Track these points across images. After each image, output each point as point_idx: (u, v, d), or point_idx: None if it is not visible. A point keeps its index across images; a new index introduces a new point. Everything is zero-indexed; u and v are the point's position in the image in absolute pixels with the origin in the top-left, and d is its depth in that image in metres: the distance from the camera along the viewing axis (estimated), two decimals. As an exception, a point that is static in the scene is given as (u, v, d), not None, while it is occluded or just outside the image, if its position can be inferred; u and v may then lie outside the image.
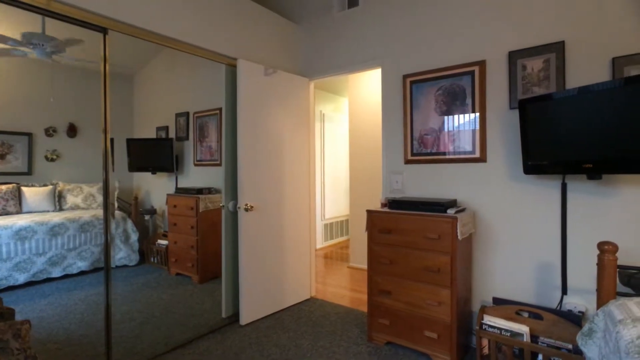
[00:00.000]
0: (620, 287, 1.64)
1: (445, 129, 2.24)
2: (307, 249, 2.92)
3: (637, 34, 1.67)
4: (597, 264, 1.44)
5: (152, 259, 3.90)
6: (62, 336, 2.24)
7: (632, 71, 1.66)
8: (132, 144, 4.23)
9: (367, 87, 3.79)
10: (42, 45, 2.81)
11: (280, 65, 2.84)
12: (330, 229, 5.05)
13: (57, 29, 2.50)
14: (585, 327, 1.40)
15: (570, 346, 1.63)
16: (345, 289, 3.19)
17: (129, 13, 1.88)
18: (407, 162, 2.41)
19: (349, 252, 4.22)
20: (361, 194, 3.91)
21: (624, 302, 1.26)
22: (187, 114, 3.82)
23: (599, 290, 1.44)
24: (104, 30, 1.81)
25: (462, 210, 2.02)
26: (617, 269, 1.54)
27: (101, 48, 1.83)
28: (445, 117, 2.24)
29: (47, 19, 1.73)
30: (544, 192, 1.94)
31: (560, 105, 1.67)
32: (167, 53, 3.24)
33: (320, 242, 4.84)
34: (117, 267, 3.64)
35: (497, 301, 1.99)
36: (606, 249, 1.41)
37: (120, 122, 4.51)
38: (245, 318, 2.42)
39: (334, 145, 5.12)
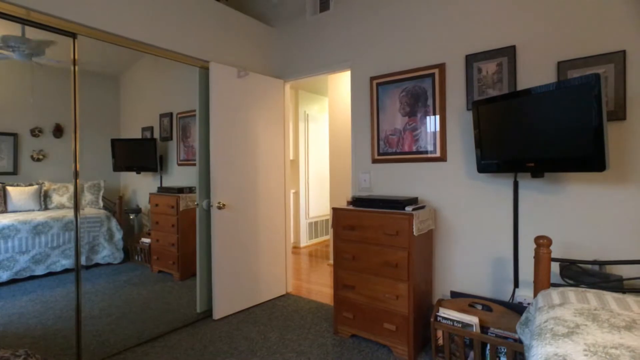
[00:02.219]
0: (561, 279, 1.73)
1: (409, 130, 2.32)
2: (283, 247, 3.00)
3: (578, 40, 1.76)
4: (534, 257, 1.53)
5: (136, 257, 3.98)
6: (39, 331, 2.31)
7: (575, 74, 1.75)
8: (116, 144, 4.32)
9: (346, 87, 3.87)
10: (22, 48, 2.88)
11: (254, 67, 2.92)
12: (315, 227, 5.13)
13: (34, 32, 2.58)
14: (523, 316, 1.49)
15: (516, 336, 1.72)
16: (322, 286, 3.27)
17: (97, 18, 1.96)
18: (375, 161, 2.49)
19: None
20: (341, 192, 3.99)
21: (550, 291, 1.34)
22: (171, 114, 3.90)
23: (535, 281, 1.53)
24: (73, 35, 1.89)
25: (421, 207, 2.11)
26: (559, 262, 1.63)
27: (71, 52, 1.91)
28: (409, 118, 2.32)
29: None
30: (498, 189, 2.02)
31: (505, 106, 1.75)
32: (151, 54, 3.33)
33: (304, 241, 4.92)
34: (101, 265, 3.72)
35: (455, 294, 2.07)
36: (541, 243, 1.49)
37: (106, 122, 4.59)
38: (218, 313, 2.49)
39: (319, 145, 5.20)
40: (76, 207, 1.99)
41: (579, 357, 0.84)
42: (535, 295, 1.53)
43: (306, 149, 4.95)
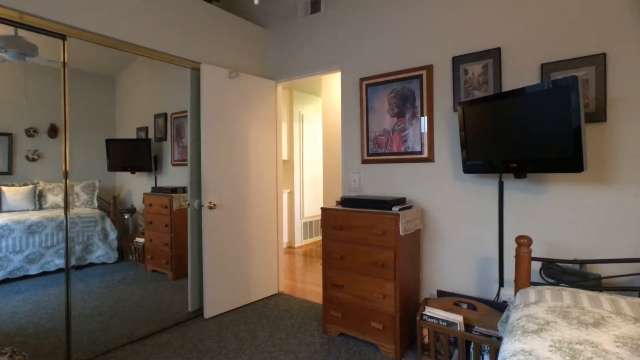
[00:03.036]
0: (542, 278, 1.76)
1: (398, 130, 2.35)
2: (275, 246, 3.02)
3: (561, 42, 1.79)
4: (515, 256, 1.55)
5: (130, 257, 4.00)
6: (30, 330, 2.33)
7: (558, 76, 1.78)
8: (111, 144, 4.34)
9: (339, 88, 3.90)
10: (16, 48, 2.90)
11: (246, 68, 2.95)
12: (310, 227, 5.14)
13: (25, 34, 2.60)
14: (504, 314, 1.51)
15: (499, 334, 1.74)
16: (314, 285, 3.29)
17: (87, 20, 1.98)
18: (364, 161, 2.52)
19: (324, 249, 4.32)
20: (334, 192, 4.01)
21: (527, 290, 1.37)
22: (165, 114, 3.93)
23: (516, 280, 1.55)
24: (63, 37, 1.91)
25: (408, 207, 2.13)
26: (540, 261, 1.65)
27: (61, 53, 1.93)
28: (397, 119, 2.35)
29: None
30: (484, 190, 2.05)
31: (489, 108, 1.78)
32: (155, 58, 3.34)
33: (299, 241, 4.94)
34: (95, 264, 3.73)
35: (441, 294, 2.10)
36: (521, 242, 1.52)
37: (101, 122, 4.60)
38: (209, 312, 2.52)
39: (314, 145, 5.22)
40: (66, 207, 2.01)
41: (544, 352, 0.86)
42: (516, 293, 1.55)
43: (301, 149, 4.98)
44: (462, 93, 2.09)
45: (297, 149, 4.92)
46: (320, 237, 5.33)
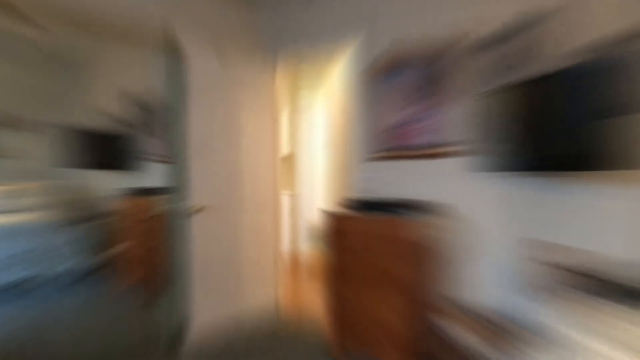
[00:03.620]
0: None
1: (416, 121, 2.05)
2: (272, 256, 2.66)
3: (612, 16, 1.52)
4: (537, 265, 1.29)
5: (103, 269, 3.51)
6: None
7: (613, 53, 1.52)
8: (80, 137, 3.78)
9: (349, 71, 3.56)
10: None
11: (238, 47, 2.59)
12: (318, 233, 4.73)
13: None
14: (522, 330, 1.25)
15: (517, 352, 1.47)
16: (318, 298, 2.95)
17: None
18: (373, 158, 2.22)
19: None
20: (342, 192, 3.66)
21: (550, 303, 1.13)
22: (144, 102, 3.44)
23: (539, 291, 1.29)
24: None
25: (422, 210, 1.84)
26: (569, 271, 1.38)
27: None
28: (416, 107, 2.05)
29: None
30: (511, 190, 1.76)
31: (521, 94, 1.51)
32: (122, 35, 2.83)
33: (304, 249, 4.51)
34: (60, 278, 3.24)
35: (458, 307, 1.81)
36: (546, 249, 1.29)
37: (70, 111, 4.00)
38: (193, 333, 2.13)
39: (323, 139, 4.75)
40: (40, 213, 1.60)
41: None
42: (539, 307, 1.28)
43: (309, 143, 4.51)
44: (492, 77, 1.81)
45: (306, 144, 4.46)
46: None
